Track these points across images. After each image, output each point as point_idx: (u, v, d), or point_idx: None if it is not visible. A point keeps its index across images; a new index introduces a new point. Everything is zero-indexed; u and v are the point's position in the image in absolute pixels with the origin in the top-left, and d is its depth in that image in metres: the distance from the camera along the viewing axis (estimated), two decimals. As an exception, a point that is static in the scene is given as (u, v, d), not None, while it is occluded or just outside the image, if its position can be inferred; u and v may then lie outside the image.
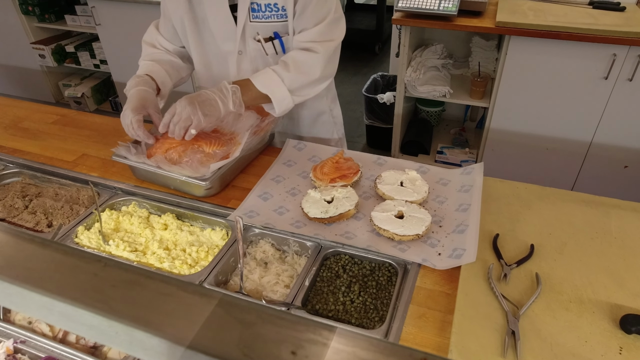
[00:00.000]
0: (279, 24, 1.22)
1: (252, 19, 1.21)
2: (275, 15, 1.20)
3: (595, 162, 2.43)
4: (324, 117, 1.51)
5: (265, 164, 1.34)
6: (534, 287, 0.93)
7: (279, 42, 1.25)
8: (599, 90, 2.23)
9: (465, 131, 3.06)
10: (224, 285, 1.03)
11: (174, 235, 1.15)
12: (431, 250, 1.02)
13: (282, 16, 1.20)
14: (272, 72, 1.20)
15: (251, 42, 1.26)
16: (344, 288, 0.98)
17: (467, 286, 0.92)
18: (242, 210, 1.14)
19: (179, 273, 1.03)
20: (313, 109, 1.47)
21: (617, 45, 2.09)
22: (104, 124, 1.58)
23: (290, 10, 1.19)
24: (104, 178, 1.29)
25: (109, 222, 1.17)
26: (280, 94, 1.21)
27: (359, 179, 1.23)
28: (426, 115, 3.07)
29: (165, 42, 1.36)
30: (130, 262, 1.04)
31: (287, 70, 1.20)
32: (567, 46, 2.14)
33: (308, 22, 1.20)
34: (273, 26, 1.22)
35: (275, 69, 1.21)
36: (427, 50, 2.70)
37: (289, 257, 1.10)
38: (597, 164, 2.43)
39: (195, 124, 1.12)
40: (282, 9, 1.19)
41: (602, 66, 2.16)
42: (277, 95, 1.21)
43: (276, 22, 1.22)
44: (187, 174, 1.16)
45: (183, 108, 1.11)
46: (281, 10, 1.20)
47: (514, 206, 1.15)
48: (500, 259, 0.99)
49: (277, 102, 1.22)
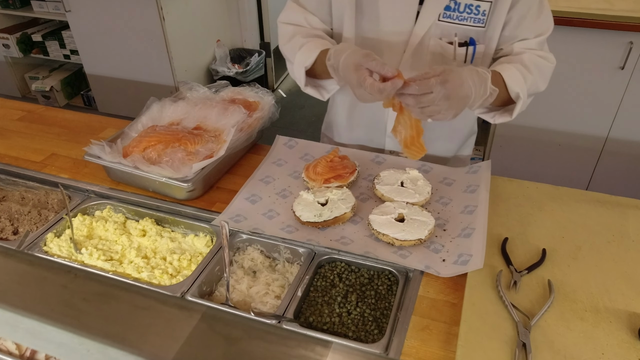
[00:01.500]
0: (472, 29, 1.14)
1: (442, 17, 1.13)
2: (473, 18, 1.13)
3: (612, 159, 2.45)
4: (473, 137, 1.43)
5: (253, 163, 1.33)
6: (546, 295, 0.93)
7: (473, 50, 1.16)
8: (615, 81, 2.24)
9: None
10: (209, 296, 1.03)
11: (153, 242, 1.14)
12: (435, 256, 1.02)
13: (479, 21, 1.13)
14: (515, 70, 1.10)
15: (434, 43, 1.16)
16: (340, 298, 0.97)
17: (474, 295, 0.92)
18: (228, 215, 1.14)
19: (158, 284, 1.02)
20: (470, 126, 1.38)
21: (634, 33, 2.11)
22: (75, 121, 1.56)
23: (499, 17, 1.11)
24: (76, 180, 1.28)
25: (81, 229, 1.16)
26: (524, 93, 1.11)
27: (355, 179, 1.23)
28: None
29: (316, 21, 1.22)
30: (105, 272, 1.03)
31: (529, 72, 1.12)
32: (580, 33, 2.16)
33: (528, 32, 1.14)
34: (466, 30, 1.14)
35: (518, 67, 1.11)
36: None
37: (279, 265, 1.09)
38: (614, 161, 2.45)
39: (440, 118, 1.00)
40: (482, 14, 1.12)
41: (618, 55, 2.18)
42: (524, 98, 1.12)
43: (471, 27, 1.14)
44: (167, 174, 1.16)
45: (441, 98, 0.96)
46: (480, 15, 1.12)
47: (524, 207, 1.16)
48: (510, 265, 0.99)
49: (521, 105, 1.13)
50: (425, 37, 1.16)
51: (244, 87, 1.49)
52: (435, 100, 0.96)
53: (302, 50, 1.17)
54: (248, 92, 1.47)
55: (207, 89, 1.49)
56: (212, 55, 3.70)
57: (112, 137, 1.29)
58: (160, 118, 1.35)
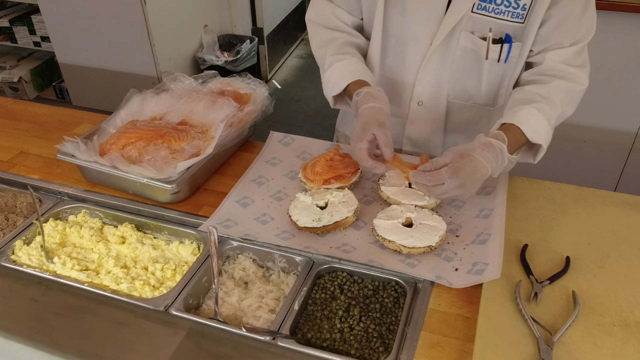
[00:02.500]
0: (510, 24, 1.12)
1: (476, 8, 1.11)
2: (511, 12, 1.10)
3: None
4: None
5: (245, 162, 1.33)
6: (571, 308, 0.93)
7: (508, 48, 1.14)
8: (647, 71, 2.24)
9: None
10: (195, 310, 1.02)
11: (133, 250, 1.14)
12: (446, 265, 1.02)
13: (517, 16, 1.10)
14: (541, 117, 1.11)
15: (465, 38, 1.15)
16: (341, 312, 0.97)
17: (490, 308, 0.92)
18: (216, 219, 1.14)
19: (139, 297, 1.02)
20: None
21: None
22: (47, 115, 1.56)
23: (539, 13, 1.09)
24: (47, 181, 1.28)
25: (54, 235, 1.16)
26: (547, 138, 1.15)
27: (358, 179, 1.23)
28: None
29: (344, 15, 1.25)
30: (80, 283, 1.02)
31: (554, 110, 1.13)
32: (607, 17, 2.16)
33: (566, 37, 1.12)
34: (502, 25, 1.12)
35: (541, 109, 1.11)
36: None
37: (274, 275, 1.09)
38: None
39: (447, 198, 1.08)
40: (522, 8, 1.09)
41: (649, 42, 2.18)
42: (546, 141, 1.14)
43: (508, 22, 1.11)
44: (149, 175, 1.16)
45: (453, 188, 1.01)
46: (520, 9, 1.09)
47: (545, 211, 1.16)
48: (530, 275, 0.99)
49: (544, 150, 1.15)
50: (455, 30, 1.15)
51: (234, 78, 1.48)
52: (449, 191, 1.02)
53: (331, 71, 1.24)
54: (239, 83, 1.47)
55: (193, 79, 1.49)
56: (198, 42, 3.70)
57: (88, 133, 1.29)
58: (141, 112, 1.35)
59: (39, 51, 3.81)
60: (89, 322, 0.93)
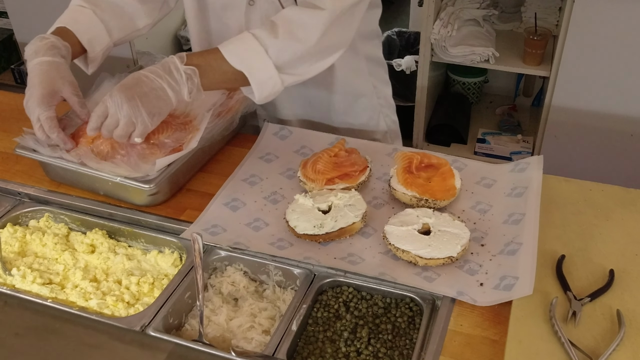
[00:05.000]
0: None
1: None
2: None
3: (700, 154, 2.44)
4: (364, 101, 1.48)
5: (235, 158, 1.34)
6: (615, 329, 0.93)
7: None
8: None
9: (516, 111, 3.07)
10: (177, 331, 1.03)
11: (104, 260, 1.14)
12: (470, 279, 1.02)
13: None
14: (252, 39, 1.16)
15: None
16: (347, 334, 0.98)
17: (520, 330, 0.92)
18: (201, 225, 1.14)
19: (112, 315, 1.02)
20: (347, 88, 1.43)
21: None
22: (4, 103, 1.57)
23: None
24: (4, 180, 1.28)
25: (12, 243, 1.16)
26: (262, 71, 1.16)
27: (367, 178, 1.23)
28: (461, 89, 3.08)
29: None
30: (42, 299, 1.02)
31: (274, 36, 1.16)
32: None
33: None
34: None
35: (257, 34, 1.16)
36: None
37: (268, 290, 1.09)
38: (702, 156, 2.45)
39: (140, 131, 1.10)
40: None
41: None
42: (257, 74, 1.16)
43: None
44: (123, 173, 1.16)
45: (118, 107, 1.08)
46: None
47: (585, 216, 1.16)
48: (568, 291, 0.99)
49: (257, 84, 1.17)
50: None
51: (223, 60, 1.49)
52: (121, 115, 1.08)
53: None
54: (228, 66, 1.47)
55: (175, 62, 1.49)
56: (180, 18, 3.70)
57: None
58: (114, 100, 1.35)
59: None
60: (54, 344, 0.93)
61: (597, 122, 2.48)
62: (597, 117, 2.46)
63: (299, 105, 1.49)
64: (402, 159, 1.21)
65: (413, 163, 1.20)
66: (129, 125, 1.09)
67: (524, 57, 2.57)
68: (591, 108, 2.46)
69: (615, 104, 2.42)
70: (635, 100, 2.39)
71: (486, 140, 2.87)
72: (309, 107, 1.49)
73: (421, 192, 1.15)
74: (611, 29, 2.27)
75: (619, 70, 2.35)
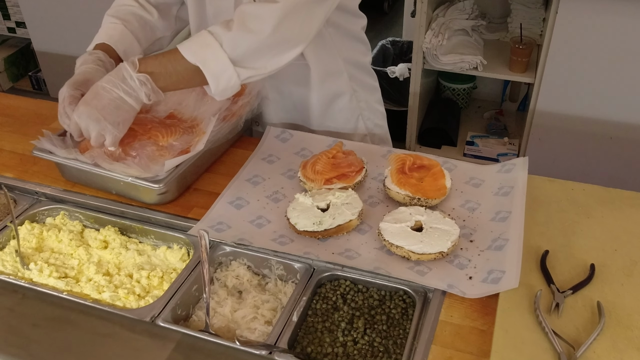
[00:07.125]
0: None
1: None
2: None
3: (675, 155, 2.44)
4: (341, 102, 1.46)
5: (239, 160, 1.34)
6: (595, 320, 0.93)
7: None
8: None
9: (503, 115, 3.07)
10: (184, 322, 1.03)
11: (116, 255, 1.14)
12: (459, 272, 1.02)
13: None
14: (207, 34, 1.12)
15: None
16: (344, 324, 0.98)
17: (507, 320, 0.92)
18: (207, 222, 1.14)
19: (123, 306, 1.02)
20: (324, 89, 1.41)
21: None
22: (22, 108, 1.56)
23: None
24: (23, 180, 1.28)
25: (30, 239, 1.16)
26: (216, 64, 1.10)
27: (363, 178, 1.23)
28: (452, 95, 3.08)
29: None
30: (58, 292, 1.02)
31: (228, 29, 1.11)
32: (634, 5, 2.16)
33: None
34: None
35: (213, 30, 1.12)
36: (453, 8, 2.71)
37: (270, 283, 1.09)
38: (677, 158, 2.45)
39: (110, 141, 1.11)
40: None
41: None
42: (211, 67, 1.10)
43: None
44: (133, 173, 1.16)
45: (85, 124, 1.10)
46: None
47: (568, 214, 1.16)
48: (551, 284, 0.99)
49: (212, 76, 1.11)
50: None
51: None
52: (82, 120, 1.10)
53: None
54: (232, 73, 1.47)
55: (183, 69, 1.49)
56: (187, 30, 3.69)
57: (67, 127, 1.29)
58: (126, 105, 1.35)
59: (14, 38, 3.81)
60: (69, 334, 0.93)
61: (578, 125, 2.48)
62: (578, 121, 2.47)
63: (282, 109, 1.47)
64: (396, 160, 1.21)
65: (406, 164, 1.20)
66: (99, 137, 1.11)
67: (510, 64, 2.57)
68: (573, 113, 2.46)
69: (595, 109, 2.42)
70: (614, 105, 2.40)
71: (475, 143, 2.87)
72: (293, 111, 1.47)
73: (414, 191, 1.15)
74: (591, 39, 2.28)
75: (599, 77, 2.35)
